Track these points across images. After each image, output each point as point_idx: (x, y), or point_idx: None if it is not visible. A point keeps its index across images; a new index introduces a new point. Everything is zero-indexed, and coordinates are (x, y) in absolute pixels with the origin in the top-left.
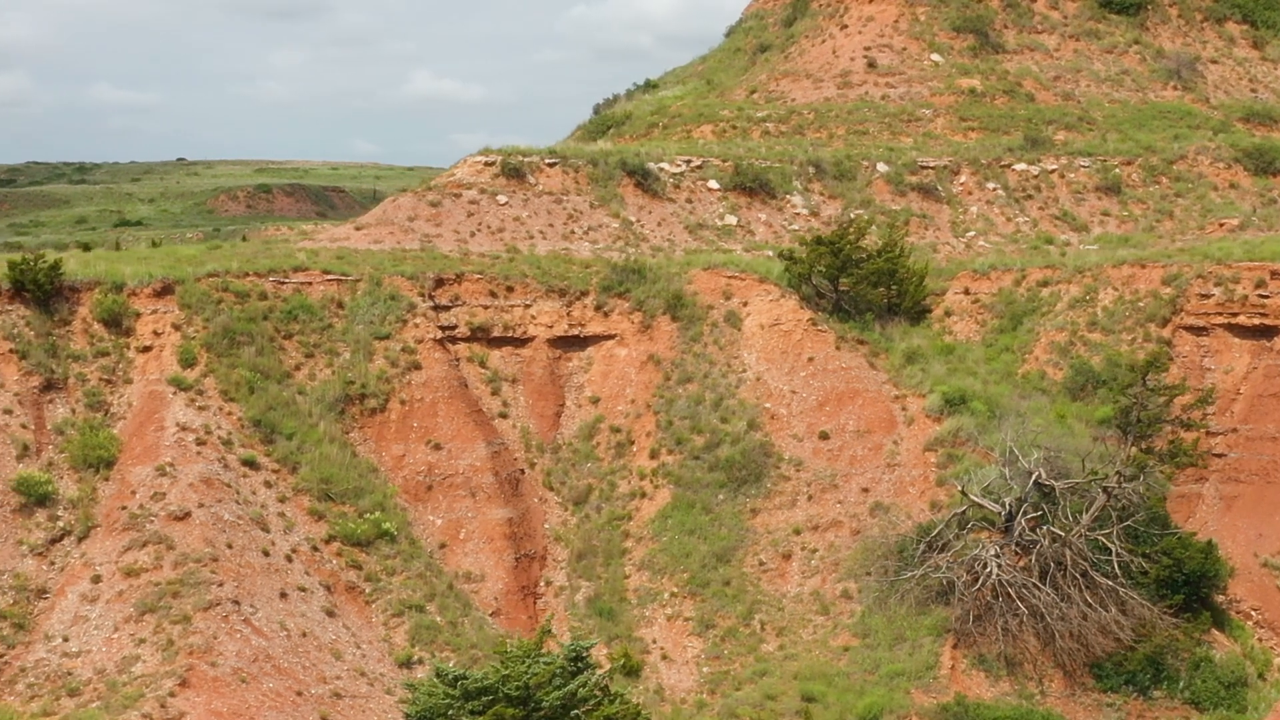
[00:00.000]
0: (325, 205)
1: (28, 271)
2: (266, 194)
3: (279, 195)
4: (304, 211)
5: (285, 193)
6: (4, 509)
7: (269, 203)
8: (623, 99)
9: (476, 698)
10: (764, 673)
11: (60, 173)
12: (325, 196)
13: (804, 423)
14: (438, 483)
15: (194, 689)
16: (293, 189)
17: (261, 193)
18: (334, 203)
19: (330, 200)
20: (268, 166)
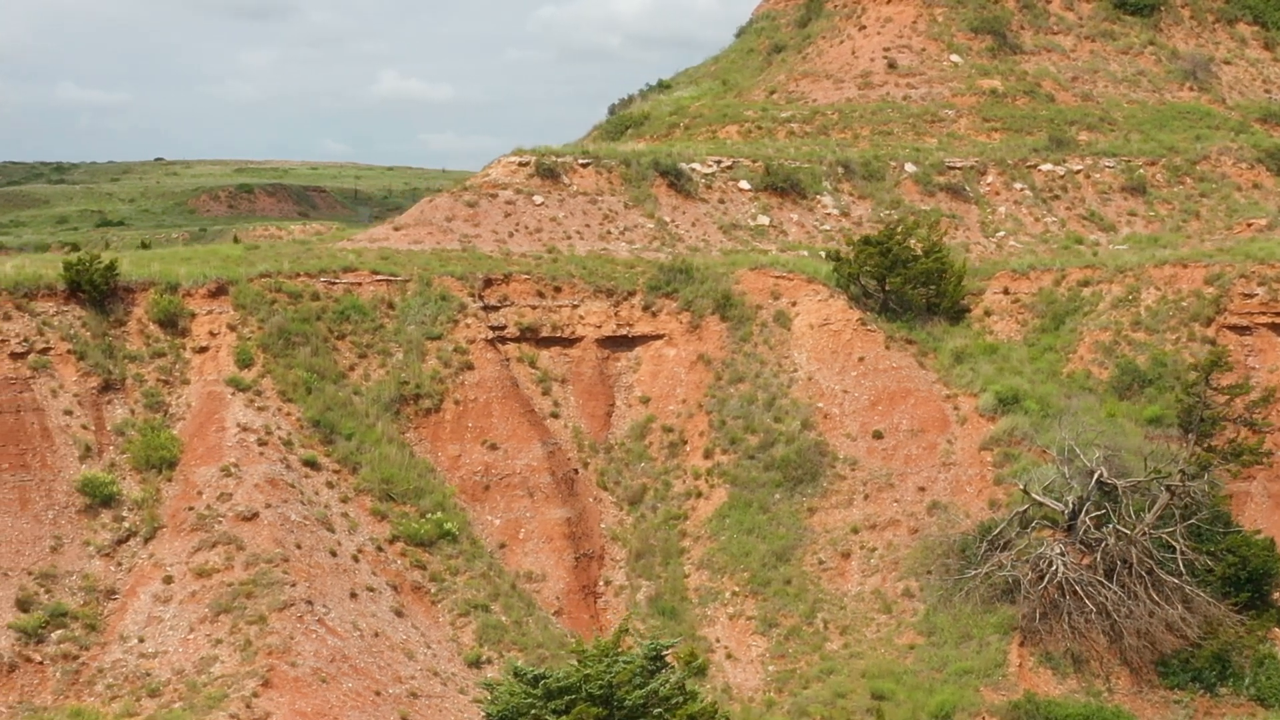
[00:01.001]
0: (307, 205)
1: (84, 272)
2: (248, 194)
3: (260, 195)
4: (286, 211)
5: (267, 192)
6: (69, 510)
7: (250, 203)
8: (638, 99)
9: (558, 697)
10: (831, 671)
11: (38, 172)
12: (307, 196)
13: (857, 422)
14: (495, 483)
15: (276, 689)
16: (274, 189)
17: (243, 193)
18: (315, 202)
19: (312, 200)
20: (247, 166)
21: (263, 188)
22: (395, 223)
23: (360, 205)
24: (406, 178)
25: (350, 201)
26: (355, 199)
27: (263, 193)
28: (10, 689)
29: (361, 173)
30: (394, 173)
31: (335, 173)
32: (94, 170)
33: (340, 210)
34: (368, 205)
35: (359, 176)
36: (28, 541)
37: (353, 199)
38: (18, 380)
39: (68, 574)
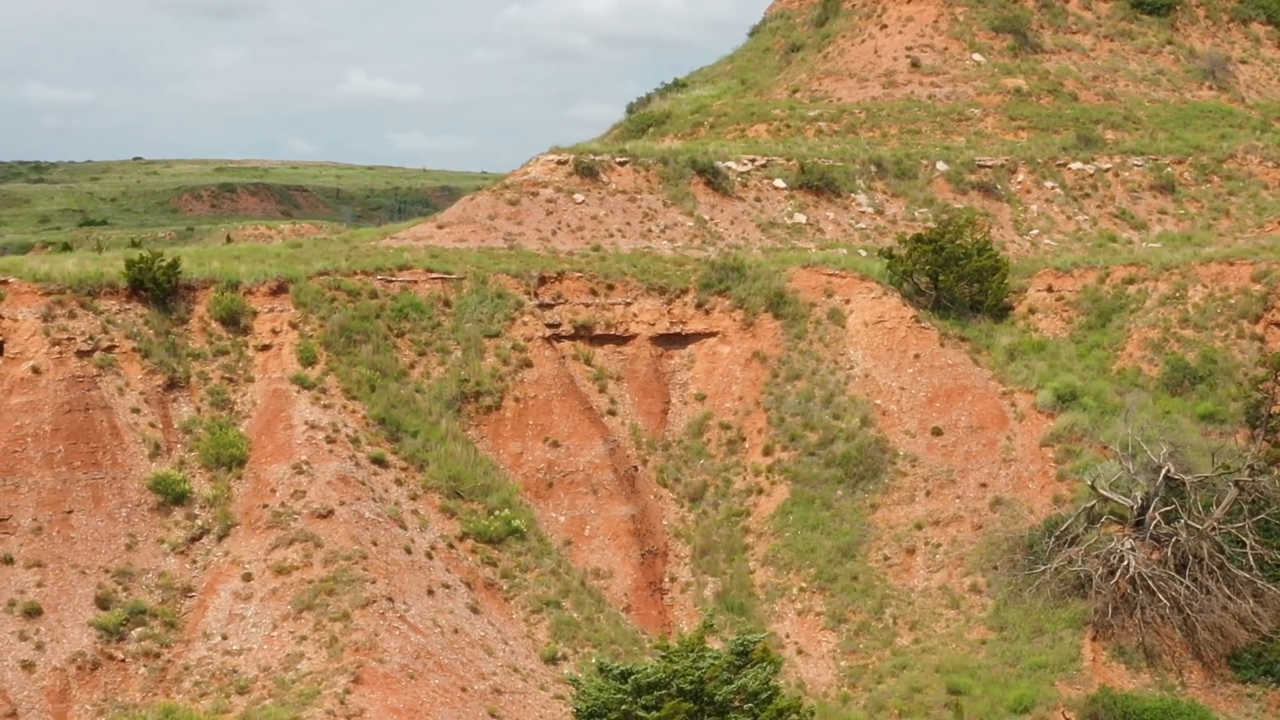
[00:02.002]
0: (289, 205)
1: (147, 270)
2: (230, 193)
3: (243, 194)
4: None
5: (250, 192)
6: (141, 508)
7: (233, 202)
8: (656, 98)
9: (648, 692)
10: (903, 666)
11: (17, 171)
12: (289, 196)
13: (915, 419)
14: (558, 480)
15: (367, 686)
16: (257, 188)
17: (225, 192)
18: (298, 202)
19: (294, 199)
20: (226, 166)
21: (245, 187)
22: (438, 220)
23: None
24: (388, 177)
25: (333, 201)
26: (337, 198)
27: (245, 192)
28: (94, 686)
29: (342, 172)
30: (374, 172)
31: (316, 172)
32: (73, 169)
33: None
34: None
35: (340, 176)
36: (103, 539)
37: (335, 198)
38: (85, 378)
39: (144, 572)
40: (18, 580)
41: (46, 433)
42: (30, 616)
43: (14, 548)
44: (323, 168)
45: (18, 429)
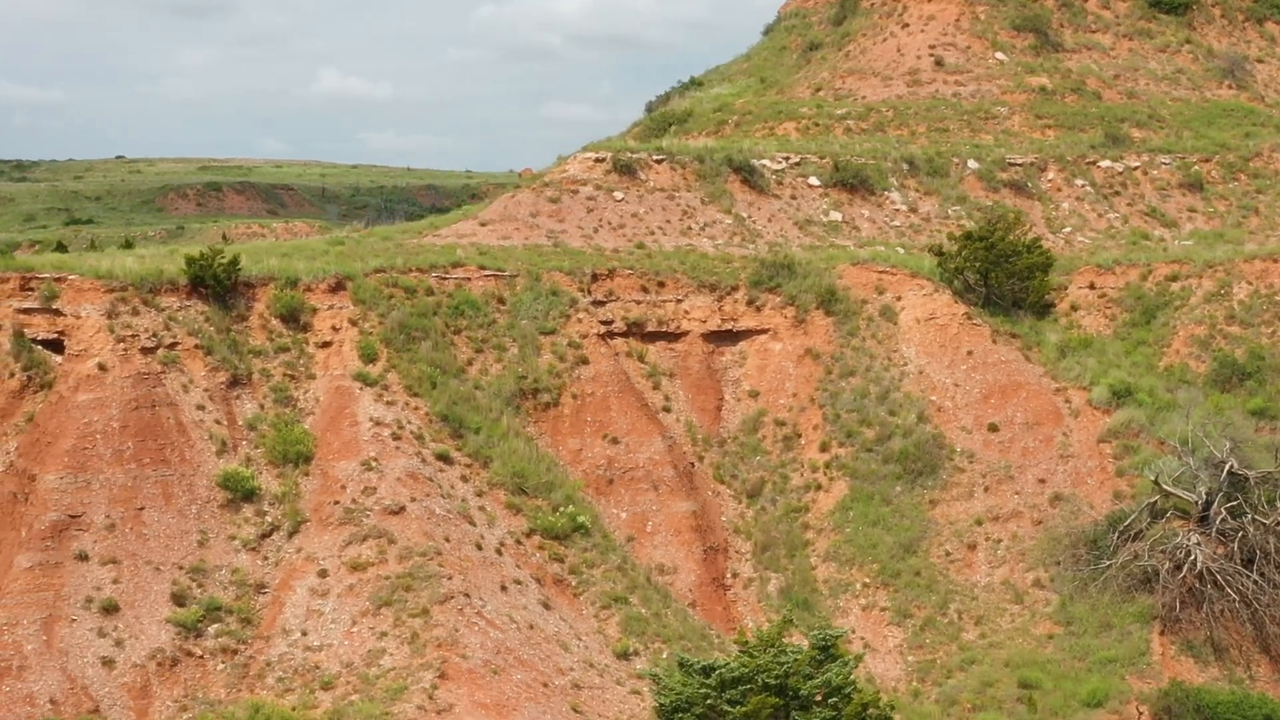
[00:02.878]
0: (275, 203)
1: (207, 267)
2: (216, 192)
3: (229, 193)
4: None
5: (235, 191)
6: (210, 504)
7: (219, 201)
8: (675, 96)
9: (732, 687)
10: (972, 661)
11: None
12: (275, 194)
13: (970, 415)
14: (618, 476)
15: (453, 681)
16: (243, 187)
17: (211, 191)
18: (284, 200)
19: (280, 198)
20: (210, 164)
21: (231, 186)
22: (480, 218)
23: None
24: (372, 176)
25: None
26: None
27: (231, 191)
28: (174, 683)
29: (326, 171)
30: (358, 171)
31: (300, 171)
32: (55, 168)
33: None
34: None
35: (324, 175)
36: (175, 536)
37: (320, 197)
38: (150, 375)
39: (216, 568)
40: (94, 577)
41: (115, 429)
42: (108, 613)
43: (88, 544)
44: (306, 166)
45: (86, 426)
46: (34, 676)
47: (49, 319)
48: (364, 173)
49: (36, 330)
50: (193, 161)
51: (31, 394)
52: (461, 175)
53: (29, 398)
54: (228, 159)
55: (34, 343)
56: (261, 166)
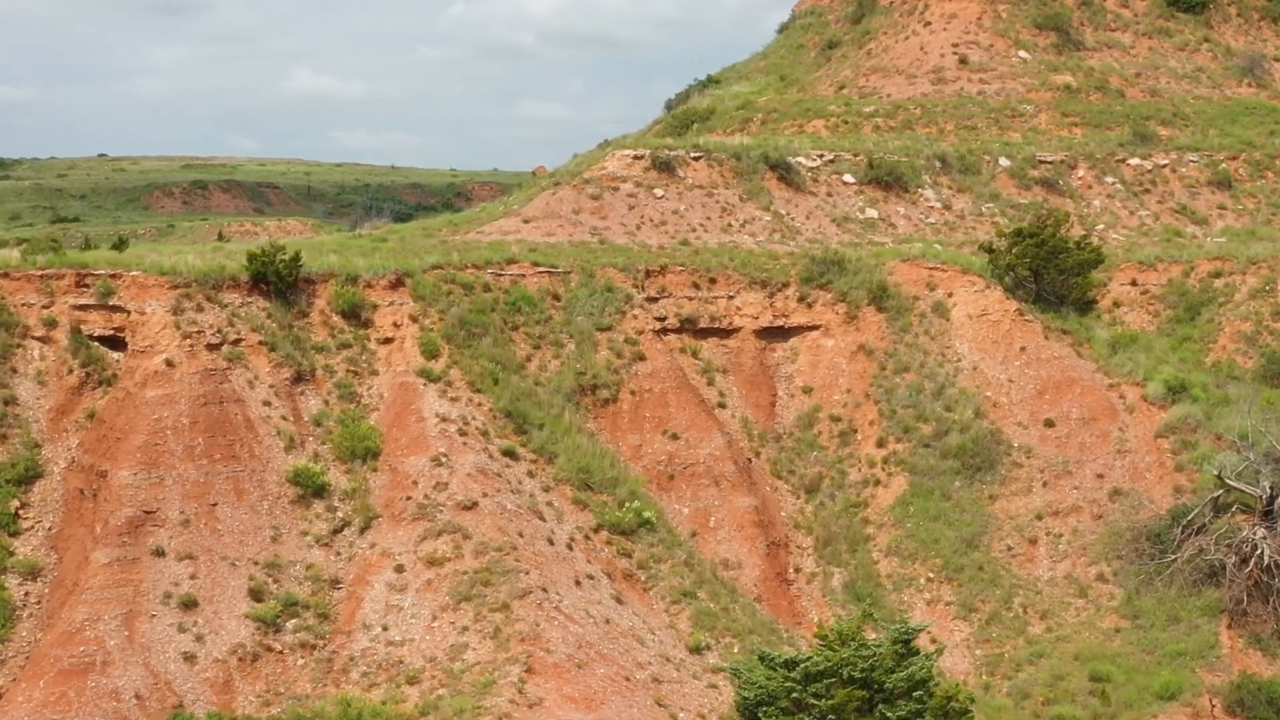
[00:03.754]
0: (261, 201)
1: (269, 263)
2: (202, 190)
3: (215, 191)
4: (241, 208)
5: (221, 189)
6: (281, 500)
7: (205, 199)
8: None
9: (817, 680)
10: (1040, 654)
11: None
12: (260, 193)
13: (1025, 411)
14: (679, 472)
15: (540, 675)
16: (229, 185)
17: (197, 189)
18: (269, 199)
19: (266, 197)
20: (194, 163)
21: (217, 184)
22: (523, 215)
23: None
24: (356, 174)
25: (303, 198)
26: (308, 195)
27: (217, 189)
28: (256, 678)
29: (310, 169)
30: (343, 169)
31: (284, 169)
32: (38, 166)
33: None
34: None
35: (309, 173)
36: (248, 532)
37: (306, 195)
38: (216, 371)
39: (290, 564)
40: (171, 572)
41: (185, 425)
42: (187, 609)
43: (164, 540)
44: (289, 164)
45: (157, 422)
46: (118, 672)
47: (105, 315)
48: (348, 171)
49: (93, 326)
50: (176, 160)
51: (90, 390)
52: (446, 174)
53: (87, 394)
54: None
55: (91, 339)
56: (245, 165)
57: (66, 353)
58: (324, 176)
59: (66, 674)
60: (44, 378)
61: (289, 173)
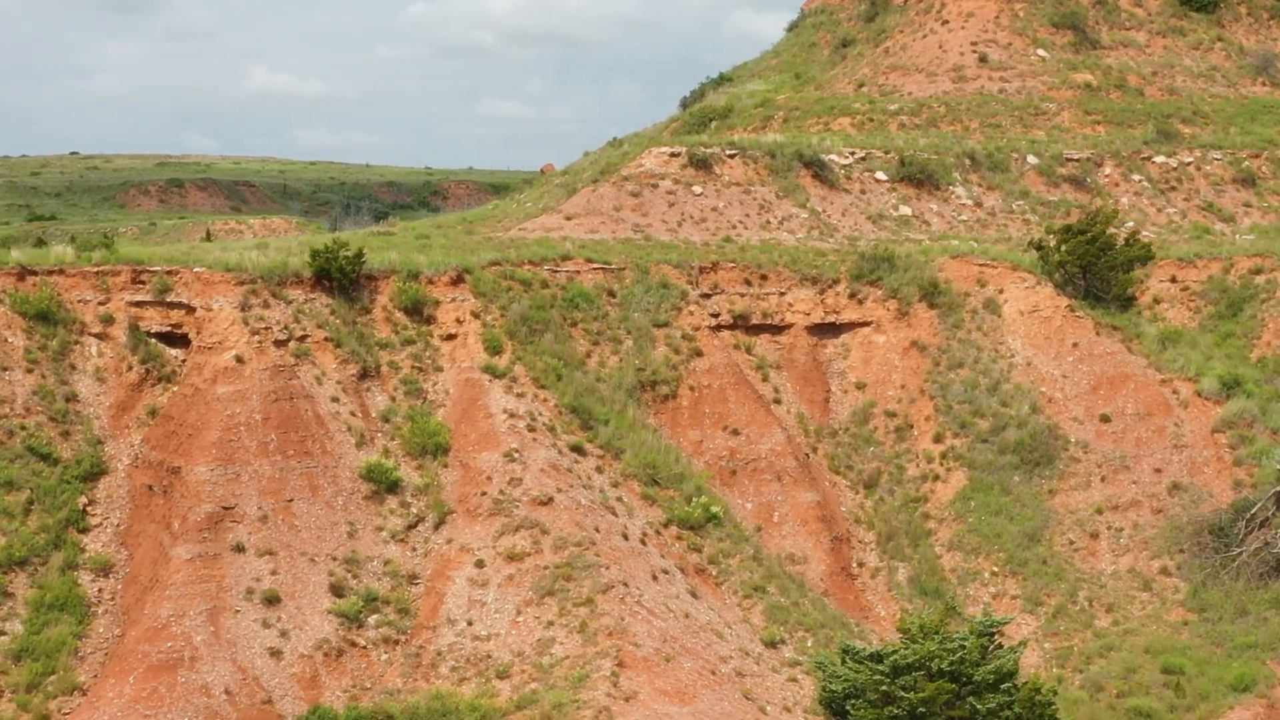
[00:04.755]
0: (238, 200)
1: (332, 260)
2: (179, 188)
3: (191, 190)
4: (218, 206)
5: (198, 187)
6: (355, 496)
7: (181, 197)
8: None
9: (906, 673)
10: (1110, 648)
11: None
12: (237, 191)
13: (1080, 406)
14: (741, 467)
15: (631, 669)
16: (205, 184)
17: (174, 187)
18: (246, 197)
19: (242, 195)
20: (168, 161)
21: (194, 182)
22: (565, 211)
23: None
24: (331, 172)
25: (280, 196)
26: (284, 194)
27: (193, 187)
28: (342, 673)
29: (284, 167)
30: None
31: (259, 167)
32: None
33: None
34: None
35: (283, 171)
36: (325, 527)
37: (282, 194)
38: (285, 368)
39: (368, 559)
40: (252, 568)
41: (258, 421)
42: (270, 604)
43: (243, 536)
44: (264, 162)
45: (229, 418)
46: (206, 667)
47: (163, 312)
48: (322, 169)
49: (150, 323)
50: (150, 158)
51: (149, 387)
52: (420, 172)
53: (148, 390)
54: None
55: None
56: (218, 163)
57: (125, 349)
58: (298, 175)
59: (156, 669)
60: (103, 374)
61: (263, 171)
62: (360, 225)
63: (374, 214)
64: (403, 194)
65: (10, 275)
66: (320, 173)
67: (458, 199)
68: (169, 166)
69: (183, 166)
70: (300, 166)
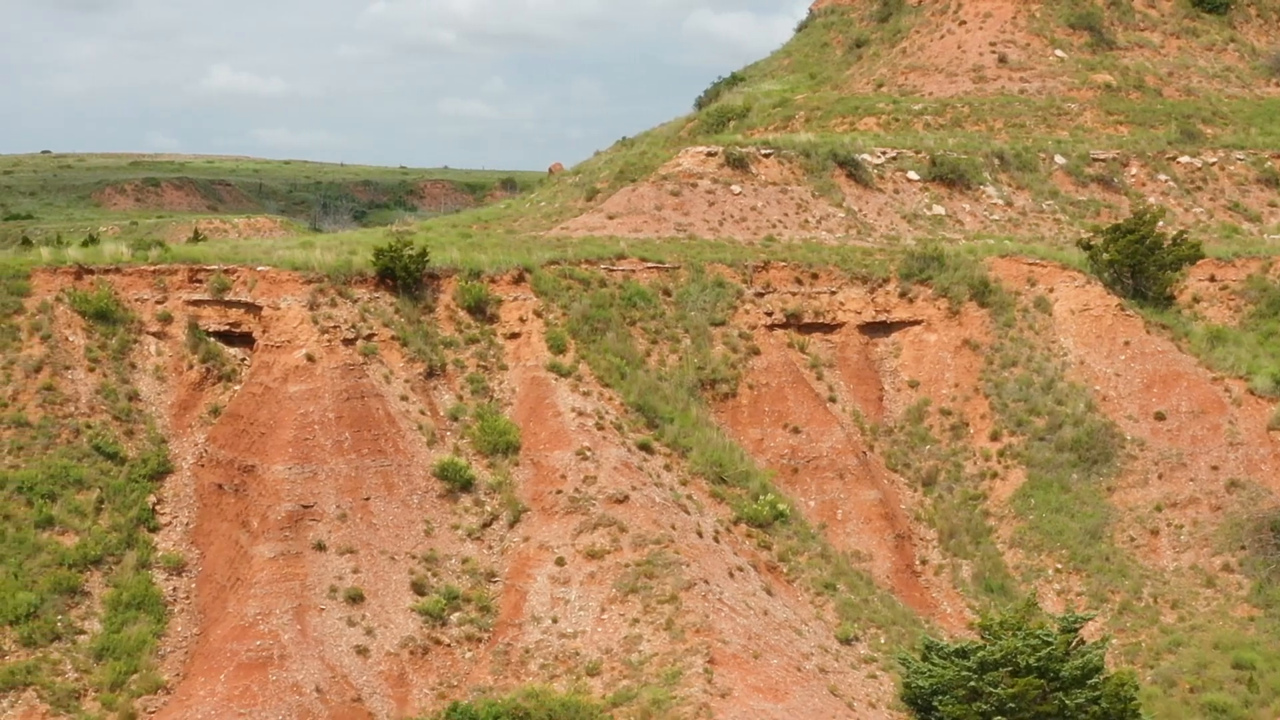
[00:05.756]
0: (214, 199)
1: (397, 258)
2: (155, 187)
3: (168, 189)
4: (194, 205)
5: (174, 186)
6: (429, 495)
7: (158, 196)
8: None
9: (993, 669)
10: (1178, 644)
11: None
12: (213, 190)
13: (1134, 404)
14: (803, 465)
15: (722, 665)
16: (181, 183)
17: (149, 186)
18: (222, 196)
19: (218, 194)
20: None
21: (170, 181)
22: (607, 211)
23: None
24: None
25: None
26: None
27: (170, 186)
28: (428, 670)
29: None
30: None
31: (233, 166)
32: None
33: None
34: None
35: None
36: (402, 526)
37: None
38: (355, 366)
39: (445, 558)
40: (334, 567)
41: (331, 420)
42: (354, 602)
43: (324, 534)
44: (239, 161)
45: (303, 417)
46: (295, 665)
47: (221, 310)
48: (297, 168)
49: (208, 322)
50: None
51: (210, 385)
52: (396, 171)
53: (208, 389)
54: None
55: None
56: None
57: (185, 348)
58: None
59: (246, 668)
60: (163, 373)
61: (238, 170)
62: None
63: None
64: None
65: (68, 274)
66: (295, 172)
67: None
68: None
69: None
70: (275, 166)
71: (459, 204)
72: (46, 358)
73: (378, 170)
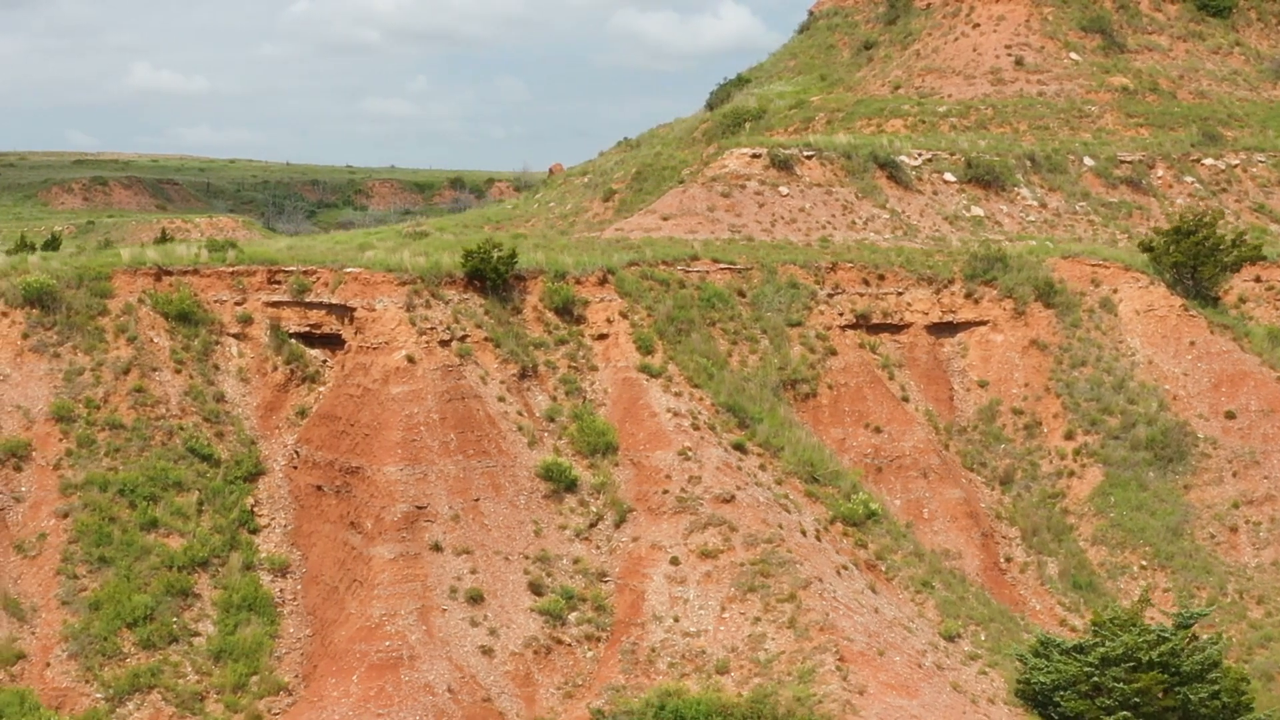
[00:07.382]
0: (163, 198)
1: (486, 260)
2: (103, 186)
3: (116, 187)
4: (143, 204)
5: (122, 185)
6: (535, 495)
7: (106, 195)
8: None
9: (1115, 665)
10: (1269, 638)
11: None
12: (161, 189)
13: (1204, 403)
14: (886, 465)
15: (852, 663)
16: (130, 181)
17: (98, 185)
18: (170, 195)
19: (167, 193)
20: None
21: (118, 180)
22: (661, 213)
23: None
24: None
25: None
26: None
27: (118, 185)
28: (553, 670)
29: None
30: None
31: (179, 164)
32: None
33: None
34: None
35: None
36: (512, 526)
37: (205, 191)
38: (453, 368)
39: (557, 558)
40: (452, 567)
41: (435, 421)
42: (474, 603)
43: (439, 535)
44: (184, 160)
45: (409, 418)
46: (425, 666)
47: (301, 312)
48: (244, 167)
49: (287, 323)
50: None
51: (294, 386)
52: (344, 170)
53: (293, 390)
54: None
55: (287, 336)
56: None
57: (268, 349)
58: (220, 172)
59: (378, 669)
60: (246, 375)
61: (184, 168)
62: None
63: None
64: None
65: (148, 275)
66: (241, 171)
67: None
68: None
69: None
70: (221, 164)
71: (407, 203)
72: (134, 359)
73: (325, 170)
